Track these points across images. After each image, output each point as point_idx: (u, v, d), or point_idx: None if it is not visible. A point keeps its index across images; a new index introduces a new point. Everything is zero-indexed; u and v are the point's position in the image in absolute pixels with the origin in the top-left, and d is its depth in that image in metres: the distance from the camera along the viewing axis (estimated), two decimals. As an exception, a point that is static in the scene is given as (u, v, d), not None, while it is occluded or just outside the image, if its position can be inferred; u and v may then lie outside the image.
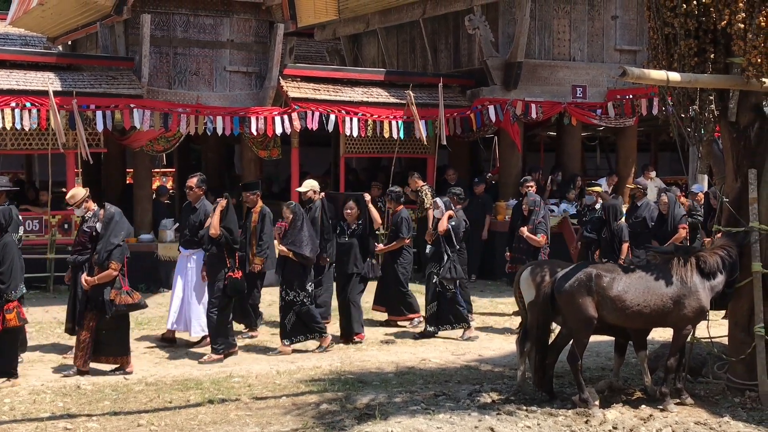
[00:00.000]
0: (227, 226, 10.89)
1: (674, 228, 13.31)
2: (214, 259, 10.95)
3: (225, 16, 16.88)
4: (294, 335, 11.39)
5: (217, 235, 10.77)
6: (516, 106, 17.78)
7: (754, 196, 9.05)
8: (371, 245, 12.52)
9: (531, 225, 12.86)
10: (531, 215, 12.92)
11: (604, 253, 13.03)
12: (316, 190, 12.86)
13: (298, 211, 11.49)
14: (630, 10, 18.98)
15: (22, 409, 8.86)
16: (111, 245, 9.96)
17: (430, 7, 19.27)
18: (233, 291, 10.95)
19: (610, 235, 13.03)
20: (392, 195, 13.40)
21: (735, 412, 8.65)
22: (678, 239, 13.12)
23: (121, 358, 10.30)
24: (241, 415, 8.62)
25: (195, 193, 11.58)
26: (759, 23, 8.54)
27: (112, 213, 10.24)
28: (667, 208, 13.49)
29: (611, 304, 8.71)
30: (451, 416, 8.35)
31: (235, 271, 10.91)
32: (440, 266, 12.21)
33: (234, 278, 10.88)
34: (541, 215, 12.97)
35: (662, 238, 13.27)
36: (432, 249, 12.49)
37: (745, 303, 9.16)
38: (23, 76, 15.24)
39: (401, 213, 13.10)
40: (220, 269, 10.90)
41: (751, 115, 9.14)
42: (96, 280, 9.93)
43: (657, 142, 24.91)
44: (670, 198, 13.57)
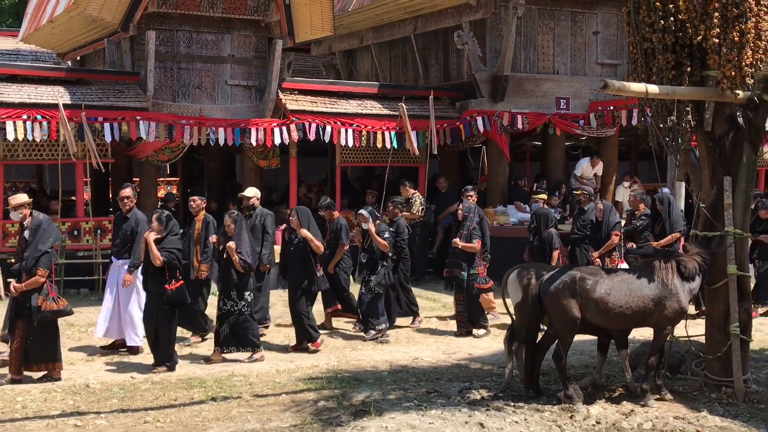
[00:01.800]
0: (169, 249, 10.26)
1: (608, 234, 13.12)
2: (156, 273, 10.28)
3: (226, 32, 16.89)
4: (226, 345, 10.78)
5: (161, 263, 10.12)
6: (503, 118, 17.84)
7: (729, 202, 9.07)
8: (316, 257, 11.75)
9: (465, 231, 12.51)
10: (465, 221, 12.61)
11: (536, 258, 12.94)
12: (258, 197, 12.65)
13: (239, 219, 10.92)
14: (610, 26, 19.03)
15: (33, 407, 8.84)
16: (38, 252, 9.52)
17: (420, 23, 19.31)
18: (172, 302, 10.27)
19: (540, 241, 12.92)
20: (324, 204, 12.90)
21: (712, 408, 8.66)
22: (611, 246, 12.99)
23: (50, 365, 9.81)
24: (242, 412, 8.61)
25: (127, 203, 11.09)
26: (732, 38, 8.57)
27: (40, 220, 9.80)
28: (602, 214, 13.28)
29: (595, 305, 8.73)
30: (442, 412, 8.35)
31: (173, 283, 10.24)
32: (374, 273, 12.07)
33: (170, 290, 10.20)
34: (476, 221, 12.60)
35: (597, 244, 13.15)
36: (366, 257, 12.28)
37: (722, 304, 9.18)
38: (34, 90, 15.21)
39: (339, 220, 12.71)
40: (162, 282, 10.25)
41: (726, 125, 9.17)
42: (24, 287, 9.48)
43: (637, 151, 24.95)
44: (605, 205, 13.38)
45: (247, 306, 10.77)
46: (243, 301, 10.73)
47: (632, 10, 9.06)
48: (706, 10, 8.64)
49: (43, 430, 8.05)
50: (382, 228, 12.33)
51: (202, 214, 11.82)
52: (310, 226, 11.64)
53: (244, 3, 16.59)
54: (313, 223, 11.75)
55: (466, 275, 12.38)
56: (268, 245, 12.35)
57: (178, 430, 8.02)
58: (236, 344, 10.80)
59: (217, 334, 10.89)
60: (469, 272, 12.39)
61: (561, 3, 18.57)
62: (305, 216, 11.63)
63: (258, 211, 12.39)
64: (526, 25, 18.30)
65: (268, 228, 12.37)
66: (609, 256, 13.12)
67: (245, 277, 10.77)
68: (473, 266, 12.44)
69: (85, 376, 10.08)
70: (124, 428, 8.10)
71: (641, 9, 8.95)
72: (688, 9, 8.72)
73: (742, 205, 9.20)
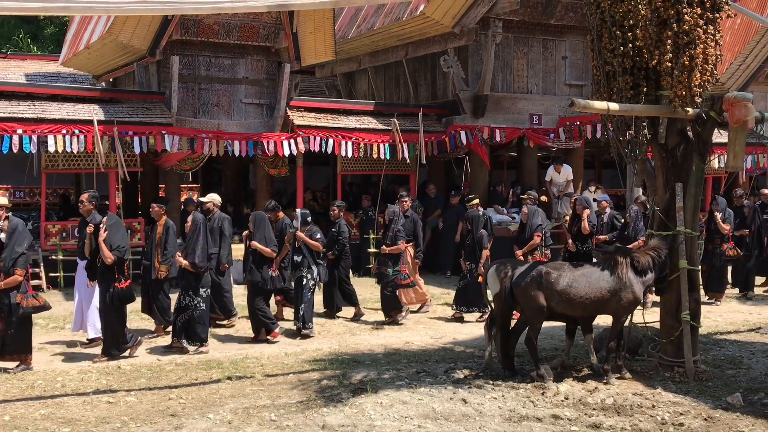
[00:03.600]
0: (116, 247, 9.89)
1: (531, 235, 12.85)
2: (106, 272, 9.94)
3: (241, 57, 16.90)
4: (179, 336, 10.47)
5: (111, 261, 9.77)
6: (483, 132, 17.85)
7: (680, 206, 9.10)
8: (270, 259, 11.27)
9: (391, 233, 12.33)
10: (391, 224, 12.40)
11: (468, 257, 12.73)
12: (216, 202, 12.09)
13: (199, 220, 10.61)
14: (577, 52, 19.07)
15: (72, 386, 8.84)
16: (16, 254, 9.24)
17: (411, 49, 19.33)
18: (120, 300, 9.93)
19: (472, 241, 12.70)
20: (269, 206, 12.25)
21: (666, 385, 8.68)
22: (533, 245, 12.75)
23: (23, 355, 9.51)
24: (255, 389, 8.62)
25: (86, 207, 10.50)
26: (683, 62, 8.61)
27: (16, 224, 9.52)
28: (526, 218, 13.03)
29: (558, 296, 8.77)
30: (430, 389, 8.37)
31: (122, 282, 9.93)
32: (309, 271, 11.49)
33: (121, 288, 9.89)
34: (400, 223, 12.43)
35: (522, 243, 12.90)
36: (300, 257, 11.59)
37: (674, 294, 9.21)
38: (72, 107, 15.20)
39: (284, 220, 12.16)
40: (111, 280, 9.90)
41: (678, 138, 9.20)
42: (2, 285, 9.17)
43: (600, 161, 24.96)
44: (529, 209, 13.08)
45: (202, 301, 10.46)
46: (199, 297, 10.43)
47: (596, 37, 9.09)
48: (660, 38, 8.69)
49: (80, 405, 8.05)
50: (314, 230, 11.73)
51: (163, 220, 11.40)
52: (265, 230, 11.18)
53: (257, 31, 16.60)
54: (267, 227, 11.25)
55: (391, 272, 12.21)
56: (225, 246, 11.84)
57: (198, 405, 8.02)
58: (187, 337, 10.47)
59: (174, 324, 10.63)
60: (394, 269, 12.22)
61: (533, 31, 18.60)
62: (258, 221, 11.24)
63: (216, 215, 11.90)
64: (503, 51, 18.32)
65: (225, 231, 11.87)
66: (531, 254, 12.79)
67: (198, 276, 10.44)
68: (398, 264, 12.26)
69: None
70: (151, 404, 8.10)
71: (603, 37, 8.99)
72: (644, 37, 8.76)
73: (691, 208, 9.23)
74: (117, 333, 10.08)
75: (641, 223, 13.63)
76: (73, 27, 20.16)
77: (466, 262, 12.73)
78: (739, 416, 7.62)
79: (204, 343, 10.51)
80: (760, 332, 11.69)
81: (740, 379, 8.96)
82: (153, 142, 15.21)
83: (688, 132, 9.17)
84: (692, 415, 7.67)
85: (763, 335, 11.48)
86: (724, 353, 10.24)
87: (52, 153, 14.67)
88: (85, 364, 9.78)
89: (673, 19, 8.59)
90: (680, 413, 7.72)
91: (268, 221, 11.45)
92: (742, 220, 14.99)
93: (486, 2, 16.92)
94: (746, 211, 15.03)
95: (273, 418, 7.51)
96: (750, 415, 7.63)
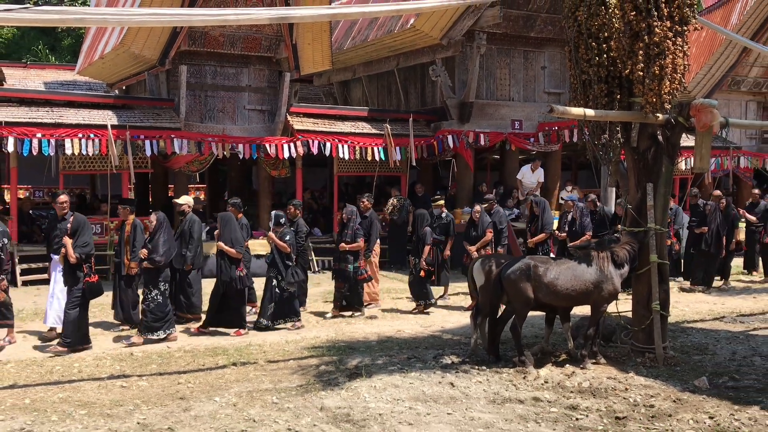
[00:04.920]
0: (83, 245, 9.53)
1: (483, 232, 12.73)
2: (74, 268, 9.58)
3: (244, 66, 16.85)
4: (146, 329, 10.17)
5: (75, 260, 9.45)
6: (469, 136, 17.87)
7: (651, 204, 9.11)
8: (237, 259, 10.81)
9: (349, 231, 11.91)
10: (349, 223, 11.98)
11: (413, 252, 12.61)
12: (190, 205, 11.62)
13: (161, 219, 10.34)
14: (555, 62, 19.08)
15: (87, 371, 8.80)
16: None
17: (402, 59, 19.31)
18: (91, 293, 9.65)
19: (417, 237, 12.56)
20: (232, 203, 11.82)
21: (638, 369, 8.69)
22: (485, 241, 12.63)
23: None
24: (258, 374, 8.59)
25: (64, 206, 10.13)
26: (654, 71, 8.61)
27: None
28: (478, 216, 12.86)
29: (546, 288, 8.74)
30: (420, 374, 8.35)
31: (92, 276, 9.60)
32: (278, 272, 11.04)
33: (91, 282, 9.59)
34: (358, 222, 12.06)
35: (474, 239, 12.75)
36: (270, 257, 11.27)
37: (645, 286, 9.22)
38: (88, 113, 15.15)
39: (241, 221, 11.51)
40: (78, 277, 9.56)
41: (649, 141, 9.20)
42: None
43: (577, 163, 25.01)
44: (481, 209, 12.93)
45: (159, 294, 10.18)
46: (156, 290, 10.15)
47: (573, 48, 9.09)
48: (633, 49, 8.69)
49: (95, 390, 8.01)
50: (286, 231, 11.27)
51: (131, 219, 10.86)
52: (232, 231, 10.77)
53: (259, 42, 16.55)
54: (234, 228, 10.82)
55: (352, 268, 11.86)
56: (192, 248, 11.29)
57: (205, 389, 7.99)
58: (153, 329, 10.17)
59: (139, 320, 10.41)
60: (354, 265, 11.90)
61: (515, 43, 18.60)
62: (225, 222, 10.83)
63: (188, 217, 11.40)
64: (487, 61, 18.32)
65: (194, 233, 11.34)
66: (484, 249, 12.65)
67: (158, 271, 10.16)
68: (357, 260, 11.96)
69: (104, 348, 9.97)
70: (162, 388, 8.07)
71: (580, 48, 8.99)
72: (618, 48, 8.76)
73: (661, 206, 9.24)
74: (81, 326, 9.70)
75: (588, 219, 13.61)
76: (88, 38, 20.09)
77: (412, 258, 12.57)
78: (705, 398, 7.63)
79: (166, 331, 10.21)
80: (723, 321, 11.72)
81: (706, 364, 8.97)
82: (163, 145, 15.18)
83: (659, 136, 9.17)
84: (662, 397, 7.68)
85: (726, 324, 11.51)
86: (691, 340, 10.26)
87: (69, 155, 14.64)
88: (100, 351, 9.73)
89: (644, 32, 8.60)
90: (651, 395, 7.72)
91: (235, 222, 11.02)
92: (702, 218, 14.92)
93: (471, 16, 16.94)
94: (707, 210, 14.93)
95: (275, 400, 7.49)
96: (715, 397, 7.65)
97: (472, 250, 12.68)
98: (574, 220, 13.73)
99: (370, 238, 12.67)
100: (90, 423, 6.85)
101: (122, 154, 14.81)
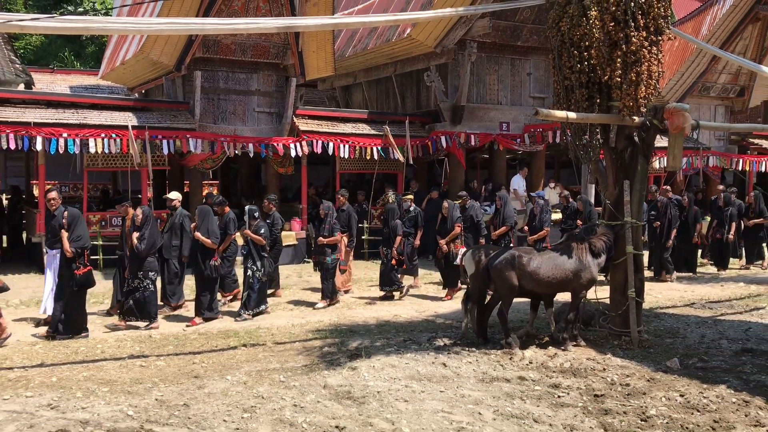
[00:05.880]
0: (77, 238, 9.39)
1: (452, 226, 12.54)
2: (69, 261, 9.38)
3: (254, 72, 16.80)
4: (128, 315, 10.01)
5: (71, 254, 9.29)
6: (460, 137, 17.83)
7: (627, 199, 9.12)
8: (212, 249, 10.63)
9: (327, 225, 11.67)
10: (326, 218, 11.76)
11: (384, 243, 12.49)
12: (180, 200, 11.32)
13: (147, 213, 10.11)
14: (540, 69, 19.03)
15: (110, 351, 8.80)
16: None
17: (399, 66, 19.28)
18: (81, 284, 9.43)
19: (389, 230, 12.42)
20: (217, 200, 11.49)
21: (615, 351, 8.71)
22: (454, 234, 12.48)
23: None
24: (266, 355, 8.59)
25: (53, 203, 9.77)
26: (631, 78, 8.61)
27: None
28: (447, 211, 12.67)
29: (528, 276, 8.75)
30: (415, 355, 8.37)
31: (82, 268, 9.39)
32: (254, 262, 10.78)
33: (78, 275, 9.34)
34: (334, 217, 11.86)
35: (444, 233, 12.58)
36: (247, 249, 10.90)
37: (622, 274, 9.23)
38: (110, 115, 15.10)
39: (229, 215, 11.13)
40: (73, 268, 9.35)
41: (626, 142, 9.20)
42: None
43: (559, 162, 25.01)
44: (450, 204, 12.79)
45: (151, 283, 9.99)
46: (148, 279, 9.96)
47: (556, 56, 9.08)
48: (611, 57, 8.68)
49: (117, 368, 8.01)
50: (260, 225, 10.95)
51: (131, 214, 10.47)
52: (209, 223, 10.55)
53: (267, 50, 16.50)
54: (210, 220, 10.59)
55: (330, 260, 11.67)
56: (186, 240, 11.03)
57: (218, 368, 7.99)
58: (137, 315, 10.00)
59: (122, 306, 10.16)
60: (331, 258, 11.72)
61: (503, 51, 18.55)
62: (203, 215, 10.62)
63: (178, 212, 11.12)
64: (477, 68, 18.28)
65: (186, 226, 11.08)
66: (453, 242, 12.55)
67: (146, 260, 9.96)
68: (335, 252, 11.77)
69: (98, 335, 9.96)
70: (178, 367, 8.07)
71: (563, 56, 8.97)
72: (597, 56, 8.74)
73: (637, 202, 9.24)
74: (75, 316, 9.51)
75: (547, 215, 13.53)
76: (110, 46, 20.02)
77: (384, 249, 12.44)
78: (677, 378, 7.65)
79: (153, 319, 10.08)
80: (694, 307, 11.73)
81: (677, 347, 8.99)
82: (179, 144, 15.14)
83: (635, 137, 9.17)
84: (637, 376, 7.69)
85: (696, 310, 11.52)
86: (664, 325, 10.28)
87: (93, 154, 14.59)
88: (121, 334, 9.72)
89: (622, 41, 8.59)
90: (627, 375, 7.74)
91: (212, 215, 10.74)
92: (658, 213, 14.82)
93: (463, 26, 16.92)
94: (659, 206, 14.83)
95: (282, 379, 7.49)
96: (686, 377, 7.67)
97: (441, 243, 12.57)
98: (535, 216, 13.72)
99: (350, 231, 12.52)
100: (112, 399, 6.85)
101: (142, 152, 14.78)
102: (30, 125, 14.04)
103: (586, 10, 8.73)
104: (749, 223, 16.16)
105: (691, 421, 6.38)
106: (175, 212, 11.23)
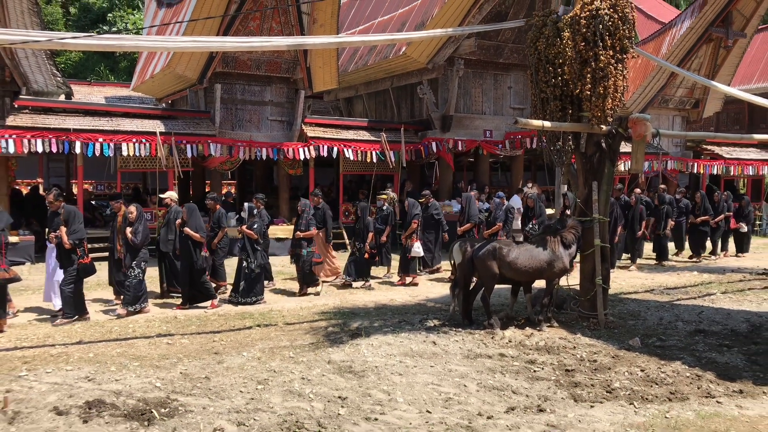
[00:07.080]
0: (73, 231, 9.15)
1: (410, 222, 12.46)
2: (68, 252, 9.17)
3: (267, 85, 16.75)
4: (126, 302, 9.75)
5: (70, 246, 9.07)
6: (449, 143, 17.83)
7: (595, 198, 9.12)
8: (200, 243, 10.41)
9: (304, 221, 11.33)
10: (303, 214, 11.41)
11: (357, 238, 12.20)
12: (173, 199, 10.86)
13: (139, 209, 9.87)
14: (519, 83, 19.03)
15: (140, 330, 8.80)
16: None
17: (395, 80, 19.26)
18: (84, 273, 9.21)
19: (362, 226, 12.16)
20: (210, 197, 11.26)
21: (583, 331, 8.72)
22: (411, 230, 12.37)
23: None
24: (278, 334, 8.59)
25: (54, 204, 9.35)
26: (599, 91, 8.61)
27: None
28: (407, 207, 12.61)
29: (507, 265, 8.75)
30: (408, 334, 8.37)
31: (84, 258, 9.19)
32: (248, 255, 10.55)
33: (84, 263, 9.18)
34: (311, 214, 11.50)
35: (406, 228, 12.50)
36: (242, 242, 10.73)
37: (590, 264, 9.25)
38: (141, 122, 15.07)
39: (220, 211, 11.02)
40: (72, 259, 9.16)
41: (594, 148, 9.21)
42: None
43: (536, 165, 24.98)
44: (410, 202, 12.68)
45: (141, 272, 9.75)
46: (139, 269, 9.73)
47: (534, 72, 9.08)
48: (582, 73, 8.68)
49: (146, 345, 8.02)
50: (255, 221, 10.73)
51: (123, 211, 10.14)
52: (196, 219, 10.30)
53: (279, 65, 16.47)
54: (198, 217, 10.35)
55: (306, 252, 11.36)
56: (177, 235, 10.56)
57: (235, 346, 7.99)
58: (131, 301, 9.73)
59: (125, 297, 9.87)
60: (307, 250, 11.42)
61: (487, 67, 18.55)
62: (190, 212, 10.34)
63: (173, 208, 10.74)
64: (464, 82, 18.27)
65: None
66: (410, 237, 12.43)
67: (138, 251, 9.73)
68: (310, 246, 11.46)
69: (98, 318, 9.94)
70: (200, 345, 8.07)
71: (539, 72, 8.98)
72: (570, 72, 8.75)
73: (604, 201, 9.25)
74: (77, 300, 9.27)
75: (501, 212, 13.45)
76: (141, 61, 19.92)
77: (356, 243, 12.12)
78: (638, 355, 7.67)
79: (144, 303, 9.82)
80: (653, 293, 11.75)
81: (638, 328, 9.01)
82: (201, 148, 15.11)
83: (602, 143, 9.17)
84: (603, 353, 7.71)
85: (655, 295, 11.54)
86: (627, 308, 10.29)
87: (125, 156, 14.56)
88: (151, 315, 9.72)
89: (591, 59, 8.59)
90: (594, 352, 7.75)
91: (198, 211, 10.46)
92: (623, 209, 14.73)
93: (452, 45, 16.91)
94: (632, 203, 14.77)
95: (291, 355, 7.50)
96: (646, 354, 7.69)
97: (403, 237, 12.47)
98: (491, 212, 13.67)
99: (326, 226, 12.29)
100: (142, 372, 6.85)
101: (168, 155, 14.75)
102: (70, 131, 14.02)
103: (560, 31, 8.74)
104: (696, 221, 16.11)
105: (650, 393, 6.41)
106: (170, 209, 10.93)
